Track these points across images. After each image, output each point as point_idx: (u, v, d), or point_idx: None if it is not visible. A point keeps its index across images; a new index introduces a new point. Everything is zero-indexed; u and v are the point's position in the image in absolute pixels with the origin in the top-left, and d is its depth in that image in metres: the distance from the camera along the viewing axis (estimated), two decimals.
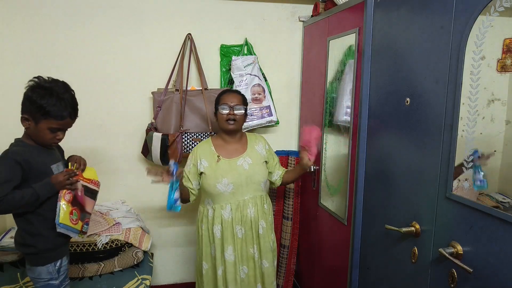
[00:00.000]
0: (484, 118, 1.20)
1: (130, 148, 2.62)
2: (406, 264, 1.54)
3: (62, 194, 1.62)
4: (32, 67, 2.39)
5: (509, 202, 1.16)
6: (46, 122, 1.56)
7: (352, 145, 1.94)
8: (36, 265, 1.65)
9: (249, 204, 2.07)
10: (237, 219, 2.05)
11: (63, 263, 1.72)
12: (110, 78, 2.53)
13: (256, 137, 2.20)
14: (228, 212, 2.05)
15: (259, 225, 2.09)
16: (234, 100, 2.05)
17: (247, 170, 2.05)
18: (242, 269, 2.09)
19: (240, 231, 2.06)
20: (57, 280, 1.69)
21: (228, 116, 2.03)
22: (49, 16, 2.40)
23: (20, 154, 1.55)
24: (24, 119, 1.57)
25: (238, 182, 2.03)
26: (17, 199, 1.51)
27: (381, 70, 1.73)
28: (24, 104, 1.57)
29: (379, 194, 1.76)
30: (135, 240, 2.33)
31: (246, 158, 2.08)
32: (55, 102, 1.55)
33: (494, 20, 1.13)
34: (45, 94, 1.54)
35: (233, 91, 2.17)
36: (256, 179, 2.07)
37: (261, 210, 2.11)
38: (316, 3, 2.51)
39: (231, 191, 2.03)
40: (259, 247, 2.11)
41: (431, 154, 1.38)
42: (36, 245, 1.62)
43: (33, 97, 1.53)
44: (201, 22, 2.59)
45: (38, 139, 1.61)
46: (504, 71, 1.14)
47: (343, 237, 2.05)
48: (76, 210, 1.67)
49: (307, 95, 2.67)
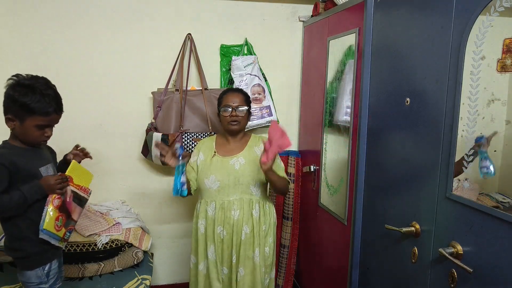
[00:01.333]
0: (484, 118, 1.20)
1: (130, 148, 2.61)
2: (406, 264, 1.54)
3: (51, 198, 1.59)
4: (31, 67, 2.39)
5: (509, 202, 1.16)
6: (32, 120, 1.53)
7: (352, 145, 1.94)
8: (25, 269, 1.63)
9: (234, 206, 2.00)
10: (219, 220, 2.01)
11: (52, 267, 1.69)
12: (110, 78, 2.53)
13: (260, 138, 2.15)
14: (212, 210, 2.03)
15: (242, 230, 2.00)
16: (236, 100, 2.03)
17: (236, 170, 2.01)
18: (222, 269, 2.06)
19: (222, 232, 2.02)
20: (47, 284, 1.67)
21: (231, 117, 2.01)
22: (49, 16, 2.40)
23: (5, 157, 1.51)
24: (8, 120, 1.53)
25: (225, 181, 2.00)
26: (5, 202, 1.48)
27: (381, 70, 1.73)
28: (6, 104, 1.52)
29: (379, 194, 1.76)
30: (135, 240, 2.33)
31: (240, 158, 2.03)
32: (39, 98, 1.51)
33: (494, 20, 1.13)
34: (27, 92, 1.50)
35: (235, 90, 2.13)
36: (245, 180, 2.00)
37: (247, 215, 2.01)
38: (316, 3, 2.51)
39: (217, 189, 2.01)
40: (238, 254, 2.02)
41: (431, 154, 1.38)
42: (24, 249, 1.60)
43: (15, 96, 1.50)
44: (201, 22, 2.59)
45: (26, 138, 1.58)
46: (504, 71, 1.14)
47: (343, 237, 2.05)
48: (62, 216, 1.64)
49: (307, 95, 2.67)
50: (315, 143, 2.48)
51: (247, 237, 2.01)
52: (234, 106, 2.01)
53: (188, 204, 2.77)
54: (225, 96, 2.06)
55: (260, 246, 2.03)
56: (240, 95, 2.07)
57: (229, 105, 2.02)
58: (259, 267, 2.02)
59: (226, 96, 2.07)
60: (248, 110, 2.07)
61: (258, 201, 2.05)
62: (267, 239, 2.09)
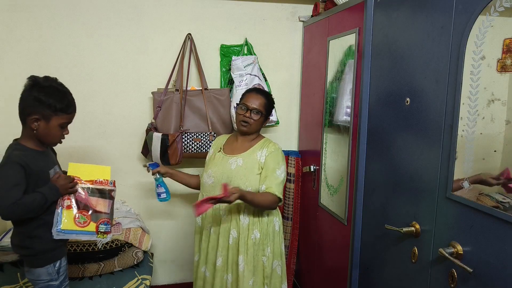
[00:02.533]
0: (484, 118, 1.20)
1: (130, 148, 2.62)
2: (406, 264, 1.54)
3: (59, 201, 1.62)
4: (31, 67, 2.39)
5: (509, 202, 1.15)
6: (57, 119, 1.58)
7: (352, 145, 1.94)
8: (36, 267, 1.64)
9: (222, 206, 1.93)
10: (209, 217, 2.00)
11: (62, 264, 1.71)
12: (110, 78, 2.53)
13: (267, 144, 2.02)
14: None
15: (230, 234, 1.95)
16: (256, 103, 1.96)
17: (231, 169, 1.95)
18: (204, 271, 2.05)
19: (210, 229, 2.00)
20: (57, 280, 1.68)
21: (243, 117, 1.97)
22: (49, 17, 2.40)
23: (22, 158, 1.54)
24: (34, 120, 1.56)
25: (218, 178, 1.96)
26: (29, 203, 1.51)
27: (381, 70, 1.73)
28: (31, 105, 1.55)
29: (379, 194, 1.76)
30: (135, 240, 2.33)
31: (239, 159, 1.97)
32: (62, 98, 1.58)
33: (494, 20, 1.13)
34: (51, 92, 1.56)
35: (260, 92, 2.03)
36: (236, 182, 1.90)
37: (235, 219, 1.95)
38: (316, 3, 2.51)
39: (211, 184, 2.00)
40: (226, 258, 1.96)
41: (431, 154, 1.38)
42: (34, 246, 1.62)
43: (40, 97, 1.54)
44: (201, 22, 2.59)
45: (48, 138, 1.62)
46: (504, 71, 1.14)
47: (343, 237, 2.05)
48: (82, 213, 1.66)
49: (307, 95, 2.67)
50: (315, 143, 2.48)
51: (234, 242, 1.94)
52: (251, 107, 1.95)
53: (188, 204, 2.77)
54: (248, 95, 2.00)
55: (247, 254, 1.92)
56: (262, 98, 1.98)
57: (246, 105, 1.96)
58: (243, 277, 1.91)
59: (248, 94, 2.00)
60: (264, 116, 2.00)
61: (248, 207, 1.94)
62: (264, 248, 1.97)
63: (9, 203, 1.47)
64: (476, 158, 1.23)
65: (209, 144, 2.44)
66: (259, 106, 1.97)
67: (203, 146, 2.44)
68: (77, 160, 1.92)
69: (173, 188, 2.73)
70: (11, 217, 1.58)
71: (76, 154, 2.49)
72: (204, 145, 2.44)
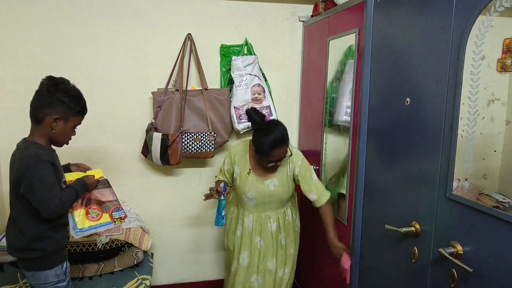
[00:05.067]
0: (484, 118, 1.20)
1: (130, 148, 2.62)
2: (406, 264, 1.54)
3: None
4: (31, 67, 2.40)
5: (509, 202, 1.16)
6: (74, 120, 1.63)
7: (352, 145, 1.94)
8: (44, 269, 1.62)
9: (270, 219, 2.14)
10: (256, 230, 2.15)
11: (67, 264, 1.71)
12: (110, 78, 2.52)
13: (290, 159, 2.07)
14: (249, 221, 2.16)
15: (280, 238, 2.16)
16: (282, 155, 1.96)
17: (271, 190, 2.09)
18: (257, 279, 2.17)
19: (259, 242, 2.15)
20: (65, 281, 1.68)
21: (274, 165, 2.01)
22: (48, 17, 2.40)
23: (50, 156, 1.58)
24: (55, 120, 1.57)
25: (261, 199, 2.10)
26: (68, 199, 1.58)
27: (381, 70, 1.73)
28: (54, 105, 1.56)
29: (379, 194, 1.76)
30: (135, 240, 2.33)
31: (274, 180, 2.08)
32: (79, 100, 1.64)
33: (494, 20, 1.13)
34: (72, 94, 1.60)
35: (282, 144, 1.92)
36: (279, 198, 2.12)
37: (283, 224, 2.17)
38: (316, 3, 2.51)
39: (254, 204, 2.13)
40: (277, 257, 2.17)
41: (431, 154, 1.38)
42: (44, 248, 1.60)
43: (64, 98, 1.57)
44: (201, 22, 2.59)
45: (63, 138, 1.65)
46: (504, 71, 1.14)
47: (343, 237, 2.05)
48: (91, 208, 1.72)
49: (307, 95, 2.67)
50: (315, 143, 2.48)
51: (287, 241, 2.20)
52: (279, 159, 1.98)
53: (188, 204, 2.77)
54: (273, 153, 1.91)
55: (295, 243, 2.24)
56: (285, 148, 1.96)
57: (275, 160, 1.96)
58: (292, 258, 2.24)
59: (274, 152, 1.91)
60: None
61: (289, 208, 2.22)
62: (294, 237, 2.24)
63: (55, 203, 1.52)
64: (476, 158, 1.23)
65: (209, 144, 2.44)
66: (284, 153, 1.98)
67: (203, 146, 2.44)
68: (77, 160, 1.93)
69: (173, 188, 2.74)
70: (55, 216, 1.58)
71: (76, 154, 2.49)
72: (204, 145, 2.45)
